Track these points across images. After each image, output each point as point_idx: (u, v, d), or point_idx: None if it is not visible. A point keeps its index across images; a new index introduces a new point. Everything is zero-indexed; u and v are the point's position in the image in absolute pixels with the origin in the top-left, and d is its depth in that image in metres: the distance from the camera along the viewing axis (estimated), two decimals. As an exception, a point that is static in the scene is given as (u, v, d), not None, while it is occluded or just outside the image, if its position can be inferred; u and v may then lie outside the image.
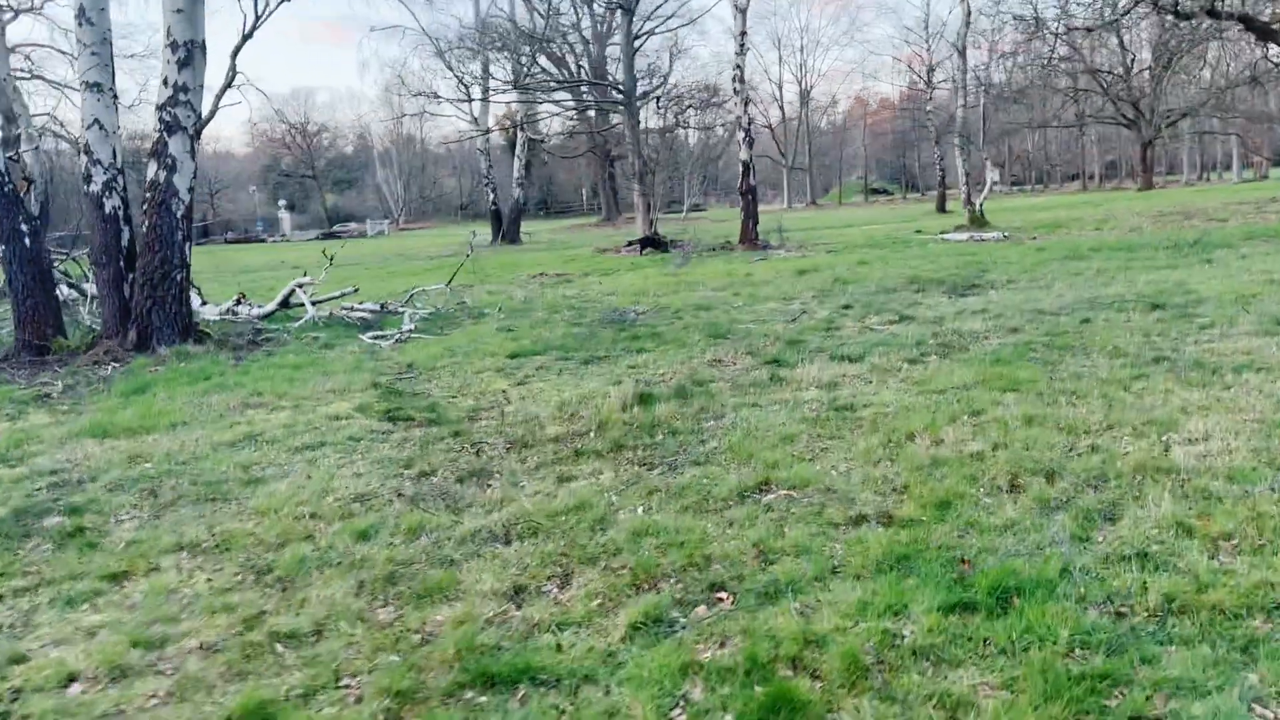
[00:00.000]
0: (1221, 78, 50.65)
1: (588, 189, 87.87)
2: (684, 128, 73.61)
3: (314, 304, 14.02)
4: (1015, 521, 4.06)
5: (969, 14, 24.47)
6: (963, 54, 24.58)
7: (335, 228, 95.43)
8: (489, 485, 5.20)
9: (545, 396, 7.22)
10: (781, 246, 23.62)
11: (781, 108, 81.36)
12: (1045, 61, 26.92)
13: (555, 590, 3.79)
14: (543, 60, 65.26)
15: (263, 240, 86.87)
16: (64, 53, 64.30)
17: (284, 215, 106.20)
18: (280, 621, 3.56)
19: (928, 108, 46.12)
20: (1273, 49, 30.63)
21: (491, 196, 44.92)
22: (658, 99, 43.58)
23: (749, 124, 23.77)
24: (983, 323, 9.13)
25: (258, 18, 18.53)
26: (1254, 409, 5.44)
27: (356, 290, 14.24)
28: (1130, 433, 5.19)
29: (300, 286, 13.82)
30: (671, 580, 3.75)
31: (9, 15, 63.76)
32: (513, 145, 76.95)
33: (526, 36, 37.61)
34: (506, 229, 43.95)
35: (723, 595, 3.61)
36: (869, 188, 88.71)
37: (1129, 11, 23.29)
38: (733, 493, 4.75)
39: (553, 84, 32.09)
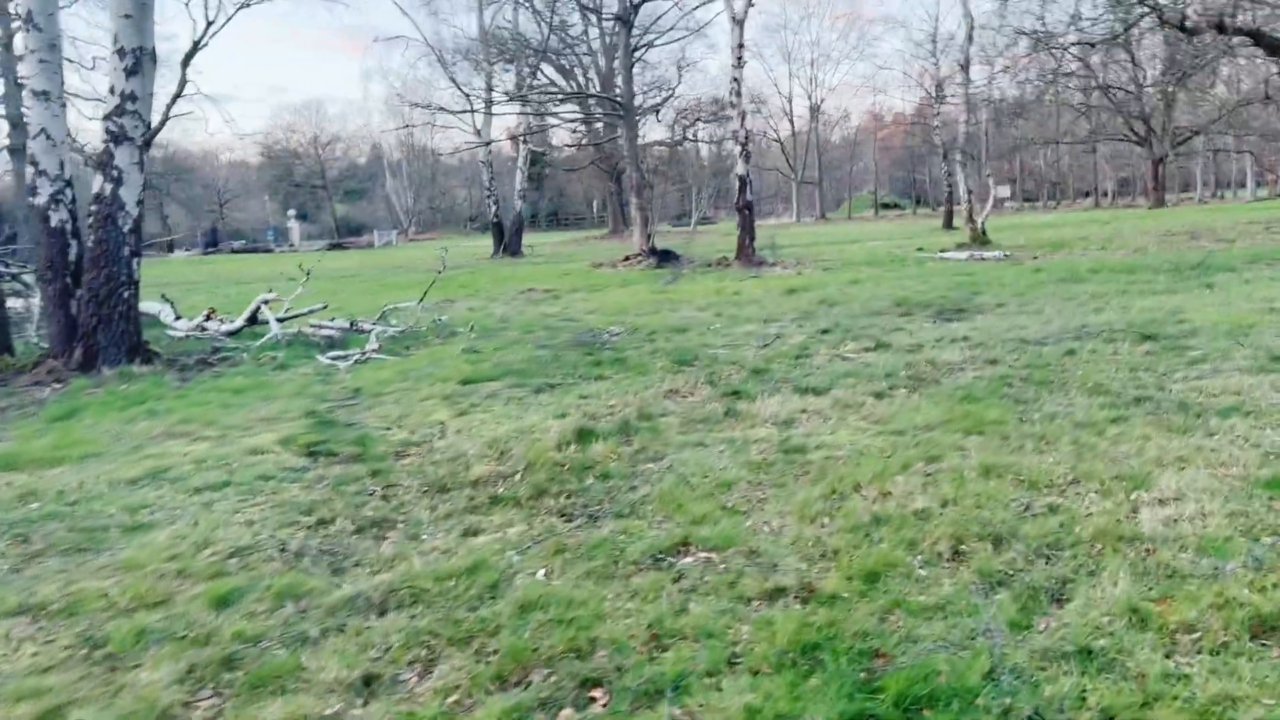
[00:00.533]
0: (1235, 94, 50.04)
1: (597, 201, 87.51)
2: (692, 141, 73.37)
3: (281, 321, 13.60)
4: (948, 601, 3.55)
5: (972, 29, 23.98)
6: (965, 69, 24.10)
7: (343, 239, 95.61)
8: (386, 538, 4.72)
9: (482, 430, 6.74)
10: (778, 263, 23.14)
11: (791, 121, 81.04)
12: (1051, 77, 26.38)
13: (414, 680, 3.30)
14: (550, 72, 65.07)
15: (270, 250, 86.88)
16: (73, 61, 64.38)
17: (293, 225, 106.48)
18: (80, 717, 3.08)
19: (935, 123, 45.59)
20: (1285, 66, 30.02)
21: (494, 208, 44.53)
22: (657, 111, 42.88)
23: (746, 138, 23.30)
24: (961, 352, 8.61)
25: (209, 24, 18.14)
26: (1236, 462, 4.92)
27: (325, 306, 13.79)
28: (1097, 489, 4.68)
29: (265, 303, 13.39)
30: (544, 671, 3.26)
31: (17, 23, 63.98)
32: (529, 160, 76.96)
33: (530, 48, 37.33)
34: (509, 241, 43.59)
35: (597, 693, 3.11)
36: (879, 202, 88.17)
37: (1133, 25, 22.74)
38: (646, 554, 4.25)
39: (551, 96, 31.66)
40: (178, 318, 14.71)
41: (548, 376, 8.79)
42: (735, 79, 23.30)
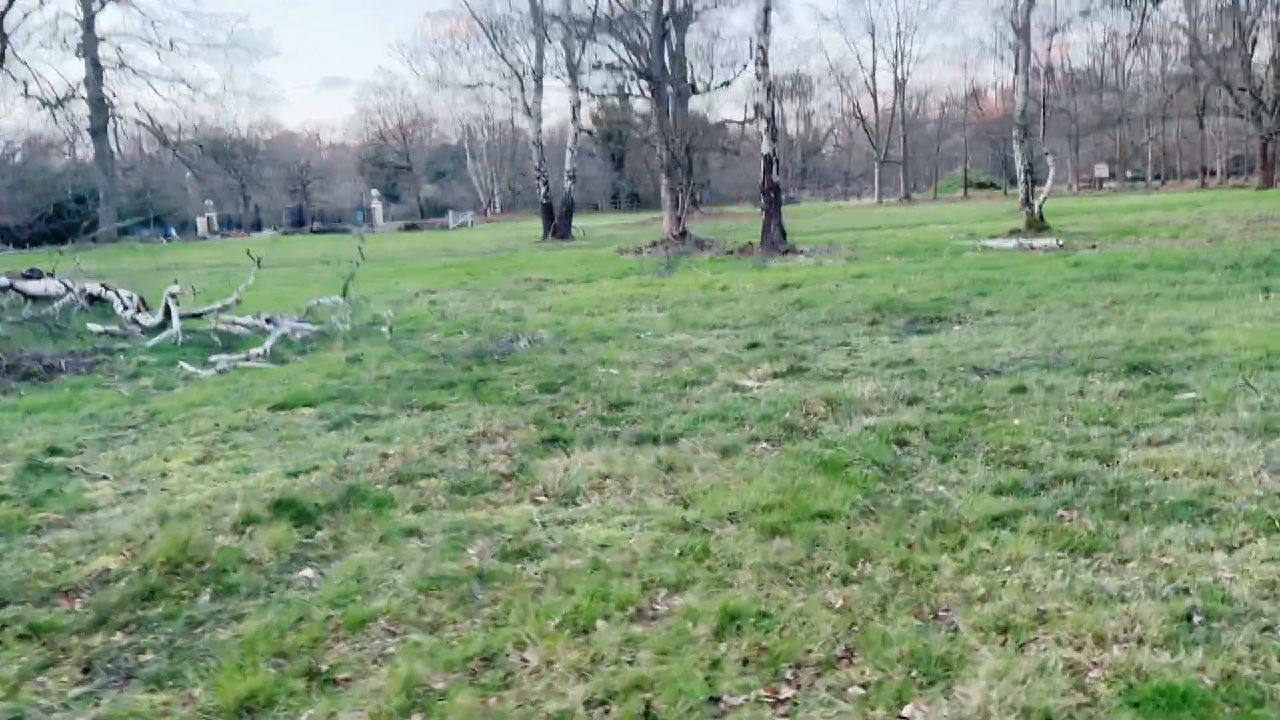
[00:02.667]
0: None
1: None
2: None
3: (197, 316, 12.34)
4: None
5: (1033, -13, 21.31)
6: (1023, 34, 21.45)
7: (424, 219, 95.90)
8: None
9: (180, 498, 5.13)
10: (803, 251, 21.05)
11: (874, 97, 77.45)
12: (1134, 41, 23.31)
13: None
14: (620, 49, 63.30)
15: (347, 231, 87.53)
16: (152, 43, 65.45)
17: (376, 206, 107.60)
18: None
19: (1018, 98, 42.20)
20: None
21: (543, 190, 43.05)
22: (709, 87, 40.67)
23: (773, 114, 21.19)
24: (885, 384, 6.65)
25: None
26: (1127, 632, 2.98)
27: (239, 302, 12.41)
28: (857, 697, 2.81)
29: (173, 296, 12.09)
30: None
31: (97, 4, 65.13)
32: (608, 137, 75.25)
33: (584, 22, 35.65)
34: (558, 224, 42.13)
35: None
36: (973, 182, 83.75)
37: None
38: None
39: (580, 70, 29.84)
40: (126, 309, 13.54)
41: (377, 403, 7.16)
42: (760, 46, 21.19)
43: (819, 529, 4.03)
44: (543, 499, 4.77)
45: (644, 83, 28.50)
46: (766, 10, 20.87)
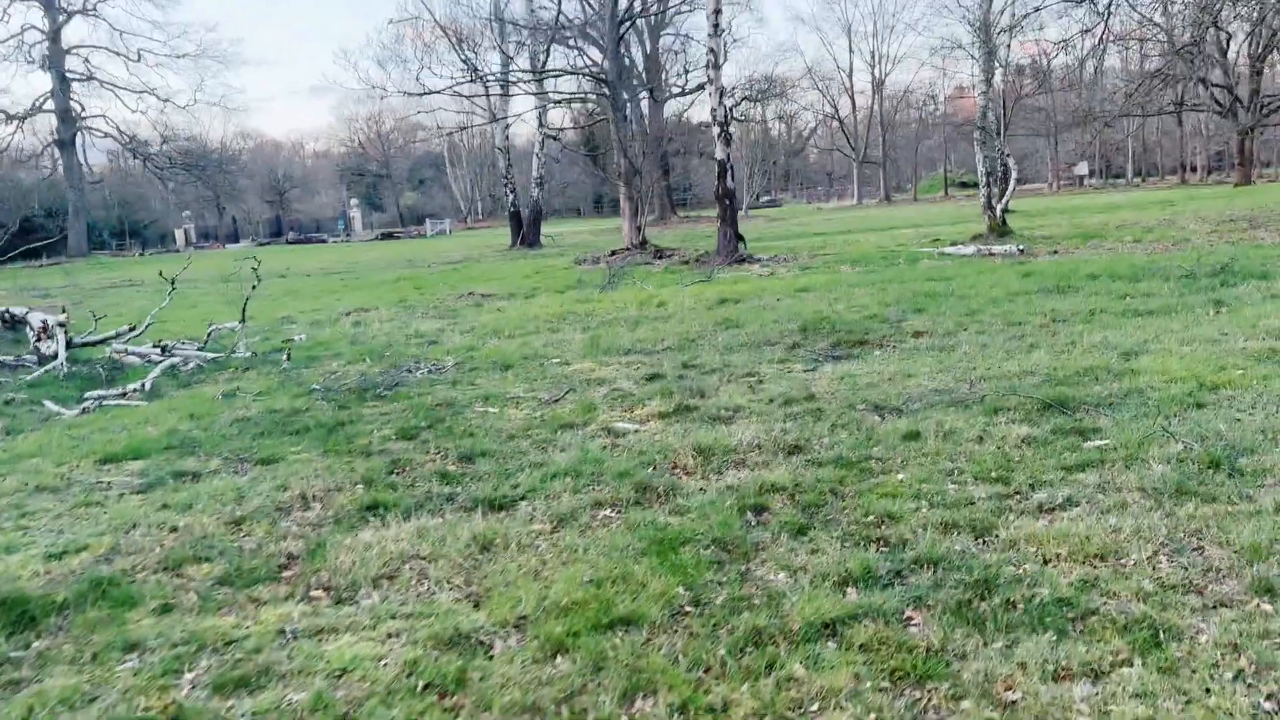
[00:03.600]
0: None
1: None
2: (741, 120, 69.94)
3: (94, 344, 11.58)
4: None
5: (993, -16, 20.61)
6: (981, 33, 20.77)
7: (404, 227, 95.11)
8: None
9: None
10: (759, 260, 20.34)
11: (852, 97, 76.88)
12: (1099, 41, 22.70)
13: None
14: (594, 53, 62.66)
15: (323, 241, 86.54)
16: (120, 54, 64.38)
17: (355, 214, 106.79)
18: None
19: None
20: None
21: (510, 197, 42.24)
22: (683, 91, 39.99)
23: (726, 117, 20.46)
24: (774, 426, 5.90)
25: None
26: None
27: (133, 330, 11.61)
28: None
29: (60, 326, 11.29)
30: None
31: (63, 17, 64.08)
32: (589, 141, 74.47)
33: (549, 26, 34.85)
34: (526, 232, 41.35)
35: None
36: (956, 181, 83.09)
37: None
38: None
39: (530, 75, 29.04)
40: (38, 338, 12.71)
41: (211, 456, 6.38)
42: (711, 49, 20.48)
43: (611, 643, 3.27)
44: (319, 594, 4.01)
45: (595, 85, 27.62)
46: (717, 12, 20.14)
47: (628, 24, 27.13)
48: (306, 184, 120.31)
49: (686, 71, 63.00)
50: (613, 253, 26.00)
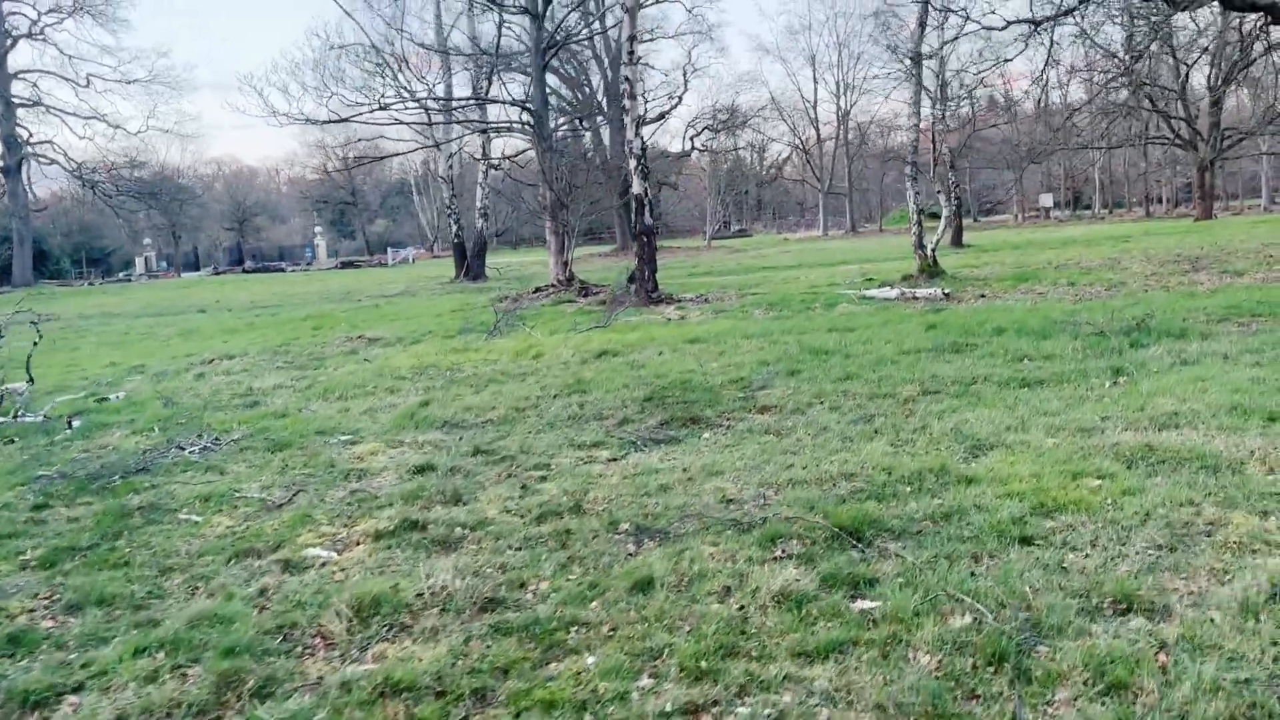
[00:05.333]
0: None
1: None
2: (702, 151, 69.09)
3: None
4: None
5: (925, 12, 19.56)
6: (916, 61, 19.69)
7: (370, 255, 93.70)
8: None
9: None
10: (678, 300, 19.11)
11: (816, 128, 76.16)
12: (1037, 80, 21.58)
13: None
14: (553, 81, 61.49)
15: (282, 270, 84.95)
16: (69, 80, 62.91)
17: (320, 243, 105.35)
18: None
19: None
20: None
21: (454, 228, 40.98)
22: (643, 121, 38.98)
23: (644, 150, 19.27)
24: (484, 563, 4.59)
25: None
26: None
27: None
28: None
29: None
30: None
31: (9, 41, 62.58)
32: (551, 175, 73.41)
33: (491, 54, 33.69)
34: (470, 263, 40.06)
35: None
36: (928, 212, 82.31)
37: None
38: None
39: (452, 104, 27.81)
40: None
41: None
42: (626, 78, 19.36)
43: None
44: None
45: (520, 114, 26.44)
46: (631, 39, 19.00)
47: (552, 52, 25.96)
48: (276, 210, 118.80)
49: (645, 101, 62.17)
50: (536, 289, 24.73)
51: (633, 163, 19.39)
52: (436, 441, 7.45)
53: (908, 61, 20.53)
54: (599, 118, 64.51)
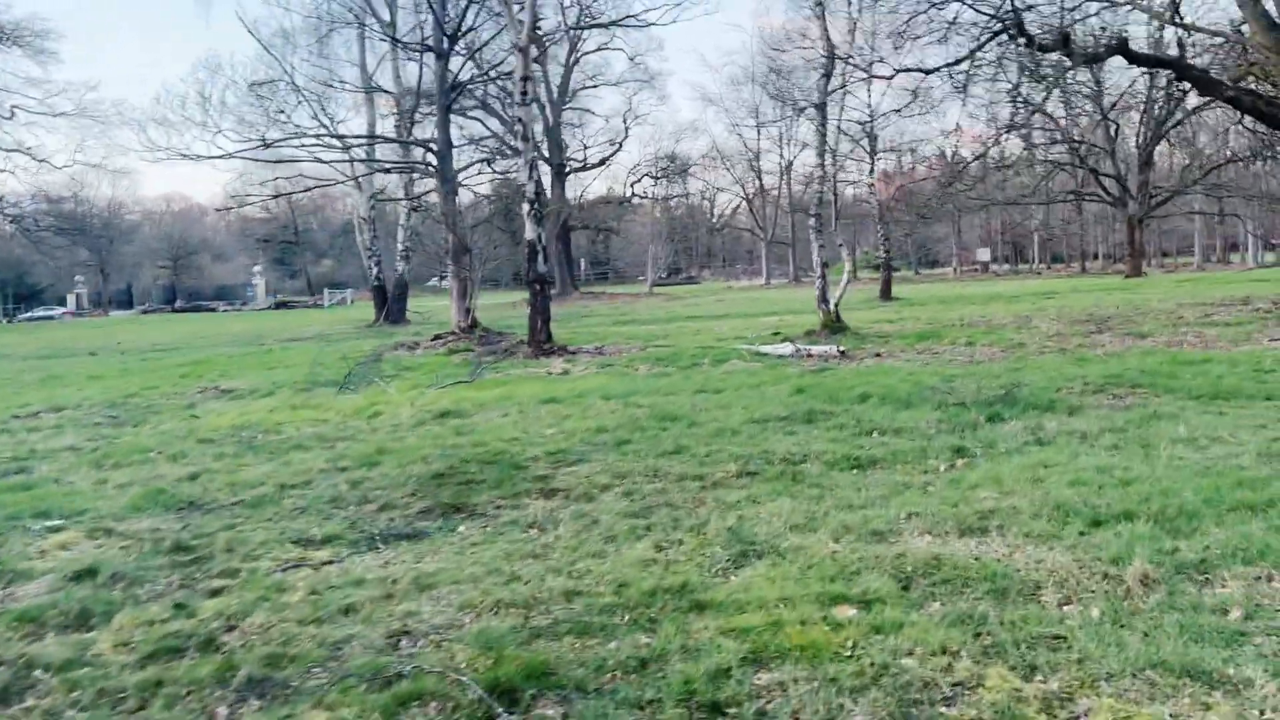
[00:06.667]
0: (1223, 152, 44.96)
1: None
2: (642, 199, 68.80)
3: None
4: None
5: (832, 61, 18.98)
6: (821, 109, 19.09)
7: (294, 298, 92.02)
8: None
9: None
10: (570, 352, 18.11)
11: (759, 178, 76.15)
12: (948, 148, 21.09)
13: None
14: (494, 124, 60.94)
15: (213, 310, 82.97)
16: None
17: (258, 282, 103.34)
18: None
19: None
20: (1249, 119, 24.90)
21: (374, 270, 39.79)
22: (569, 168, 38.24)
23: (537, 194, 18.36)
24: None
25: None
26: None
27: None
28: None
29: None
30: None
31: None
32: (507, 213, 72.40)
33: (413, 94, 32.78)
34: (390, 307, 38.85)
35: None
36: (871, 263, 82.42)
37: (983, 46, 17.67)
38: None
39: (346, 142, 26.77)
40: None
41: None
42: (520, 120, 18.46)
43: None
44: None
45: (422, 157, 25.52)
46: (525, 79, 18.16)
47: (456, 92, 25.09)
48: (220, 249, 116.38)
49: (585, 146, 61.73)
50: (435, 337, 23.59)
51: (525, 207, 18.47)
52: (150, 530, 6.29)
53: (810, 109, 19.86)
54: (541, 162, 63.70)
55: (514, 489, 6.88)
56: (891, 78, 19.20)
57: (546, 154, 63.53)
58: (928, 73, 18.84)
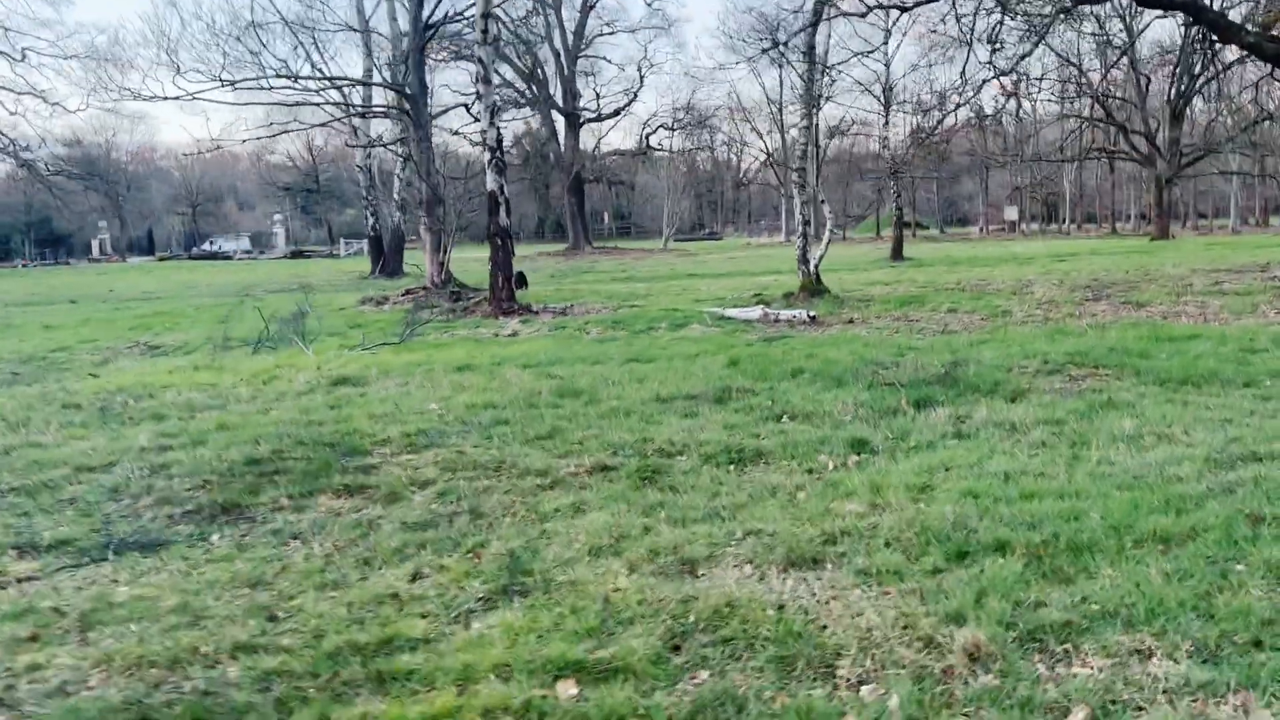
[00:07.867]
0: (1259, 110, 42.67)
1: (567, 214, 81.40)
2: (659, 150, 67.10)
3: None
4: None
5: (820, 9, 17.52)
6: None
7: (310, 247, 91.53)
8: None
9: None
10: (534, 311, 17.10)
11: (782, 132, 73.87)
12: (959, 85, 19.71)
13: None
14: (509, 72, 59.29)
15: (228, 258, 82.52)
16: (2, 53, 60.36)
17: (278, 230, 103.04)
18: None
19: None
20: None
21: (371, 220, 38.80)
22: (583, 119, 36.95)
23: (498, 141, 17.21)
24: None
25: None
26: None
27: None
28: None
29: None
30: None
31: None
32: (526, 162, 70.98)
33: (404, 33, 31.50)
34: (388, 258, 37.89)
35: None
36: (903, 221, 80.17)
37: None
38: None
39: (312, 82, 25.55)
40: None
41: None
42: (480, 59, 17.27)
43: None
44: None
45: (398, 101, 24.34)
46: (485, 16, 16.94)
47: (431, 32, 23.84)
48: (246, 197, 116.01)
49: (599, 96, 60.14)
50: (406, 292, 22.61)
51: (486, 155, 17.33)
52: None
53: (792, 51, 18.47)
54: (554, 112, 62.43)
55: (316, 484, 5.87)
56: (865, 15, 17.69)
57: (560, 102, 62.03)
58: (904, 9, 17.32)
